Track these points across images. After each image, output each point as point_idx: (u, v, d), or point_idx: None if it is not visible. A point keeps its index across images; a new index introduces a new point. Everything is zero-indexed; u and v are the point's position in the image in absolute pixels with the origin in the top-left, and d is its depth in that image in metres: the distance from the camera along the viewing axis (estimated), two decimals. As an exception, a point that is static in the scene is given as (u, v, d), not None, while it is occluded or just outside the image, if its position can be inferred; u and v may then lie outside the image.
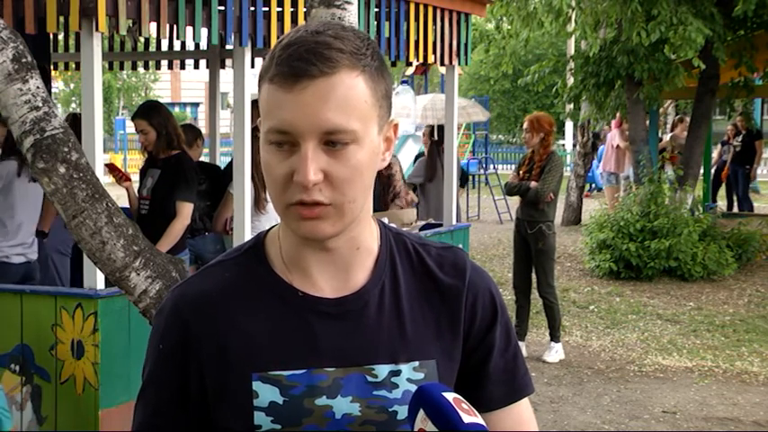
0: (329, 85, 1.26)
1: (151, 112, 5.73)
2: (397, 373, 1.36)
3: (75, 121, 5.20)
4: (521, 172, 7.44)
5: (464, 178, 9.87)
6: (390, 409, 1.35)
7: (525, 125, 7.40)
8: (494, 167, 20.46)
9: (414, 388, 1.35)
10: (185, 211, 5.42)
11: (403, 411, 1.35)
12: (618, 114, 13.38)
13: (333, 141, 1.27)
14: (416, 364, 1.38)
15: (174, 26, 4.93)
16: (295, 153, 1.27)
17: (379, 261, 1.41)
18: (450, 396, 1.26)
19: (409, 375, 1.37)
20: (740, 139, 16.14)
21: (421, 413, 1.27)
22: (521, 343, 7.47)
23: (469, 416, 1.24)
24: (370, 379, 1.35)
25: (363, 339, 1.36)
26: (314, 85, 1.26)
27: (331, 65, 1.26)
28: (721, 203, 15.56)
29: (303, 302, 1.36)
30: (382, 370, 1.36)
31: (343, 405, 1.34)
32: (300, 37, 1.28)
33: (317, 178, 1.26)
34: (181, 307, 1.38)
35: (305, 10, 4.31)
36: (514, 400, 1.46)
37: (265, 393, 1.33)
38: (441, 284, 1.42)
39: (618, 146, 14.36)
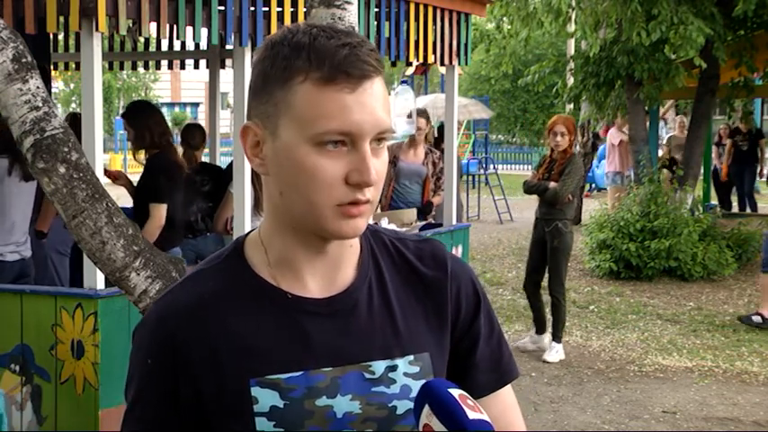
0: (378, 85, 1.29)
1: (130, 112, 5.79)
2: (393, 368, 1.37)
3: (75, 121, 5.20)
4: (540, 171, 7.53)
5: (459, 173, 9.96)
6: (390, 405, 1.36)
7: (561, 128, 7.38)
8: (494, 167, 20.46)
9: (411, 382, 1.36)
10: (156, 213, 5.36)
11: (402, 406, 1.36)
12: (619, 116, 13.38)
13: (379, 140, 1.30)
14: (411, 357, 1.39)
15: (174, 26, 4.92)
16: (349, 153, 1.27)
17: (362, 257, 1.41)
18: (456, 392, 1.27)
19: (405, 369, 1.37)
20: (742, 138, 16.15)
21: (426, 409, 1.28)
22: (542, 336, 7.61)
23: (475, 412, 1.25)
24: (367, 376, 1.35)
25: (357, 337, 1.36)
26: (371, 85, 1.28)
27: (379, 66, 1.30)
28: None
29: (293, 304, 1.36)
30: (379, 366, 1.36)
31: (344, 404, 1.34)
32: (341, 38, 1.28)
33: (376, 177, 1.28)
34: (166, 318, 1.36)
35: (305, 10, 4.31)
36: (500, 386, 1.47)
37: (265, 398, 1.32)
38: (423, 277, 1.44)
39: (621, 141, 14.29)
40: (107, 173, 6.10)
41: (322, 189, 1.28)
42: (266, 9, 5.37)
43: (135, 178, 6.15)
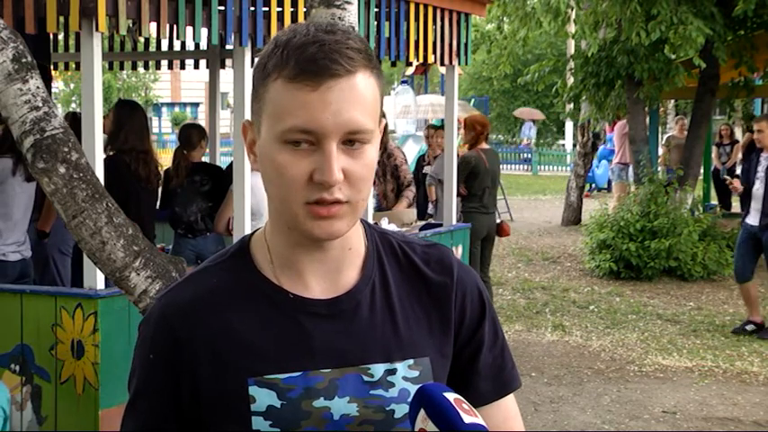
0: (351, 84, 1.27)
1: (122, 106, 5.86)
2: (392, 371, 1.36)
3: (74, 120, 5.20)
4: None
5: None
6: (388, 408, 1.35)
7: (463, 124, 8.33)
8: (494, 167, 20.40)
9: (410, 386, 1.36)
10: None
11: (400, 410, 1.35)
12: (619, 115, 13.37)
13: (352, 141, 1.28)
14: (411, 361, 1.38)
15: (174, 26, 4.93)
16: (315, 152, 1.27)
17: (367, 260, 1.41)
18: (452, 396, 1.27)
19: (405, 374, 1.37)
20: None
21: (422, 413, 1.27)
22: None
23: (470, 416, 1.24)
24: (366, 379, 1.35)
25: (357, 339, 1.36)
26: (339, 84, 1.26)
27: (354, 64, 1.27)
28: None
29: (295, 304, 1.36)
30: (378, 369, 1.36)
31: (341, 406, 1.33)
32: (317, 36, 1.27)
33: (340, 177, 1.26)
34: (169, 314, 1.37)
35: (305, 10, 4.31)
36: (503, 395, 1.47)
37: (263, 398, 1.32)
38: (429, 282, 1.43)
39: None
40: None
41: (289, 186, 1.28)
42: (266, 9, 5.37)
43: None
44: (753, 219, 8.05)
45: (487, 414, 1.41)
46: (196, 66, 8.27)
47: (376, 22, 6.44)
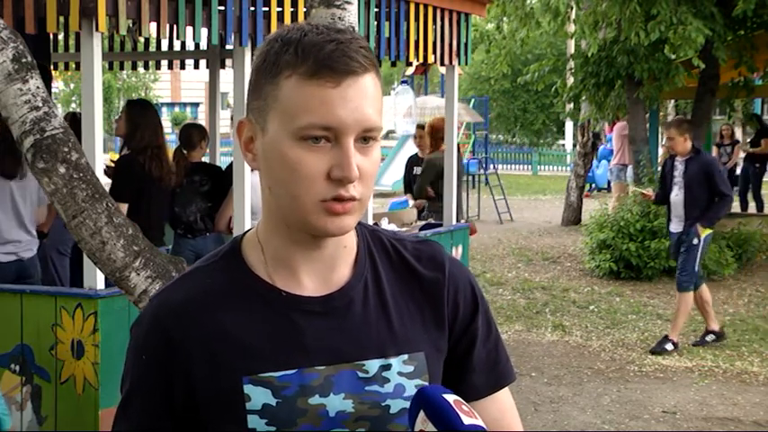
0: (366, 82, 1.29)
1: (135, 107, 5.89)
2: (387, 367, 1.37)
3: (74, 120, 5.20)
4: None
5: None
6: (383, 404, 1.36)
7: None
8: (494, 167, 20.47)
9: (405, 381, 1.36)
10: None
11: (396, 405, 1.36)
12: (619, 116, 13.37)
13: (366, 138, 1.29)
14: (406, 357, 1.38)
15: (174, 26, 4.93)
16: (332, 149, 1.27)
17: (359, 257, 1.41)
18: (451, 398, 1.27)
19: (400, 369, 1.37)
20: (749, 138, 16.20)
21: (421, 415, 1.28)
22: None
23: (470, 417, 1.25)
24: (361, 375, 1.35)
25: (351, 336, 1.36)
26: (357, 82, 1.27)
27: (368, 63, 1.29)
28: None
29: (288, 302, 1.36)
30: (372, 365, 1.36)
31: (337, 403, 1.34)
32: (330, 35, 1.29)
33: (357, 173, 1.27)
34: (161, 315, 1.36)
35: (305, 10, 4.31)
36: (497, 389, 1.47)
37: (258, 396, 1.32)
38: (421, 278, 1.43)
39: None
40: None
41: (304, 184, 1.28)
42: (266, 9, 5.38)
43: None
44: (676, 226, 7.80)
45: (483, 408, 1.42)
46: (196, 66, 8.27)
47: (376, 22, 6.44)
